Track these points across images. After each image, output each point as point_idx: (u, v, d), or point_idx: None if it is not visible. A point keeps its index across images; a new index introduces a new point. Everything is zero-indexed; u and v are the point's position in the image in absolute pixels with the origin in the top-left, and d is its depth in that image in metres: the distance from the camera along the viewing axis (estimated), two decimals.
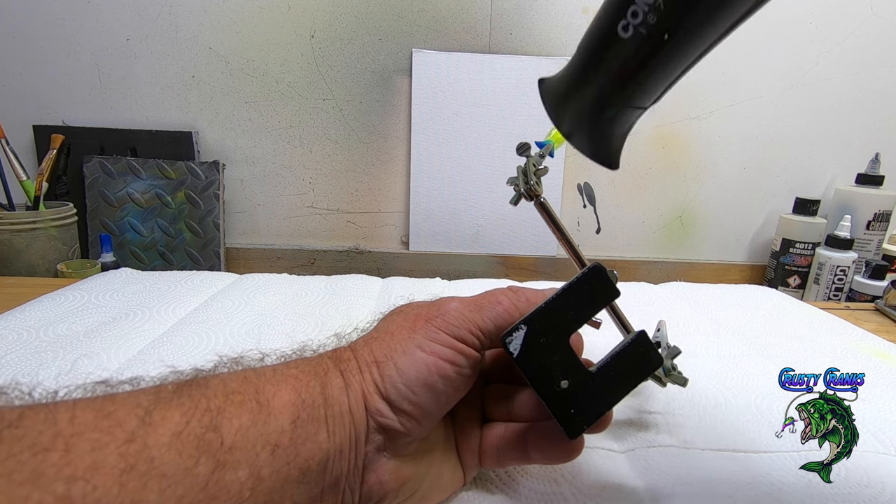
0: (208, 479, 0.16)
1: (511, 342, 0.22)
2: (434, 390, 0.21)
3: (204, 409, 0.17)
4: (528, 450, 0.24)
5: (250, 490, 0.16)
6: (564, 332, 0.23)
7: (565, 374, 0.22)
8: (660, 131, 0.89)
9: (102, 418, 0.15)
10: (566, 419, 0.22)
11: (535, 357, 0.22)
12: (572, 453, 0.23)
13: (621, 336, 0.31)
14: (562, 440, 0.23)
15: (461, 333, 0.22)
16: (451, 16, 0.81)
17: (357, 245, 0.90)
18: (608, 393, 0.23)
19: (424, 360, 0.21)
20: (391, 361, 0.21)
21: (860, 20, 0.86)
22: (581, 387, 0.22)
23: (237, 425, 0.17)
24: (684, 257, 0.96)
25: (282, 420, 0.18)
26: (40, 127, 0.80)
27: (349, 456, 0.20)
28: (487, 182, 0.86)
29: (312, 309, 0.49)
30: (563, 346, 0.23)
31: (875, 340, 0.48)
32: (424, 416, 0.21)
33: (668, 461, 0.29)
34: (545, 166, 0.31)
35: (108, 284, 0.52)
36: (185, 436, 0.16)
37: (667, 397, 0.36)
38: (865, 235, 0.86)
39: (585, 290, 0.23)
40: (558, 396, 0.22)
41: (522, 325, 0.22)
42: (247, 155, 0.85)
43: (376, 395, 0.21)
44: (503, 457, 0.25)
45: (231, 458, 0.16)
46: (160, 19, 0.79)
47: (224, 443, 0.16)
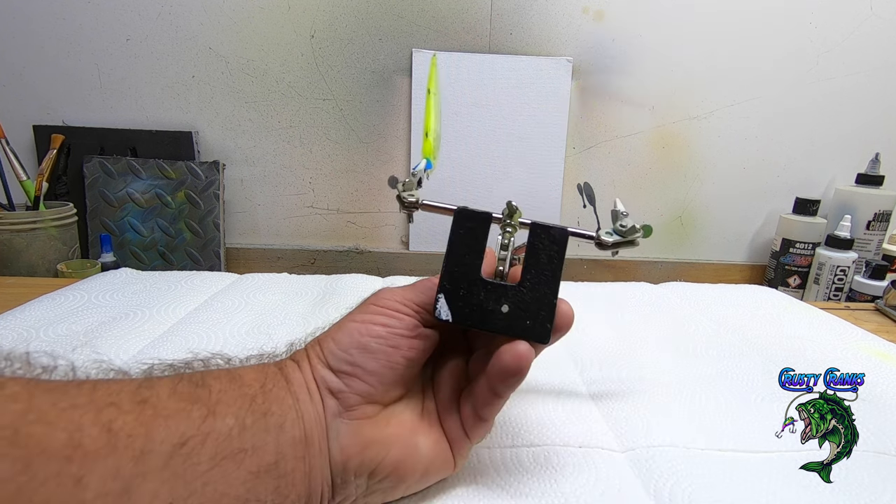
0: (203, 421, 0.19)
1: (440, 312, 0.24)
2: (367, 348, 0.23)
3: (190, 376, 0.21)
4: (489, 381, 0.23)
5: (238, 432, 0.20)
6: (475, 273, 0.25)
7: (499, 301, 0.24)
8: (660, 131, 0.89)
9: (113, 382, 0.19)
10: (529, 331, 0.24)
11: (466, 309, 0.24)
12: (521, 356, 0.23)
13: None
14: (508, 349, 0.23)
15: (390, 304, 0.25)
16: (451, 16, 0.81)
17: (357, 245, 0.90)
18: (546, 286, 0.24)
19: (355, 326, 0.24)
20: (329, 337, 0.24)
21: (860, 20, 0.86)
22: (520, 298, 0.24)
23: (219, 386, 0.21)
24: (684, 257, 0.96)
25: (252, 386, 0.22)
26: (40, 127, 0.80)
27: (314, 417, 0.22)
28: (487, 182, 0.86)
29: (312, 309, 0.49)
30: (480, 283, 0.24)
31: (875, 340, 0.48)
32: (364, 374, 0.23)
33: (669, 461, 0.29)
34: (415, 188, 0.33)
35: (108, 284, 0.52)
36: (179, 391, 0.20)
37: (667, 397, 0.36)
38: (865, 235, 0.86)
39: (463, 232, 0.25)
40: (509, 320, 0.24)
41: (438, 294, 0.24)
42: (247, 155, 0.85)
43: (320, 366, 0.24)
44: (477, 403, 0.24)
45: (220, 408, 0.20)
46: (160, 19, 0.79)
47: (212, 396, 0.20)
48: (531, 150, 0.85)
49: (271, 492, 0.20)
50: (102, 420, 0.17)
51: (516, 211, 0.27)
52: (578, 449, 0.30)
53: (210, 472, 0.19)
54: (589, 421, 0.33)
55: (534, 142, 0.85)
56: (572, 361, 0.41)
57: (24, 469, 0.15)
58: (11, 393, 0.16)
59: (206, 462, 0.19)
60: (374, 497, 0.24)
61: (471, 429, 0.25)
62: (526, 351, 0.23)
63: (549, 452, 0.30)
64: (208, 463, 0.19)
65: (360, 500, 0.23)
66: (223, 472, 0.19)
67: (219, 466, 0.19)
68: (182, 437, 0.18)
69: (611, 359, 0.42)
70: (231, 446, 0.19)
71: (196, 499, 0.18)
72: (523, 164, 0.86)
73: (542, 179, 0.87)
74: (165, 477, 0.18)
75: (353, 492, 0.23)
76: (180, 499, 0.18)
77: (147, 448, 0.17)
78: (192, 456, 0.18)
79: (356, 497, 0.23)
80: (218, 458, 0.19)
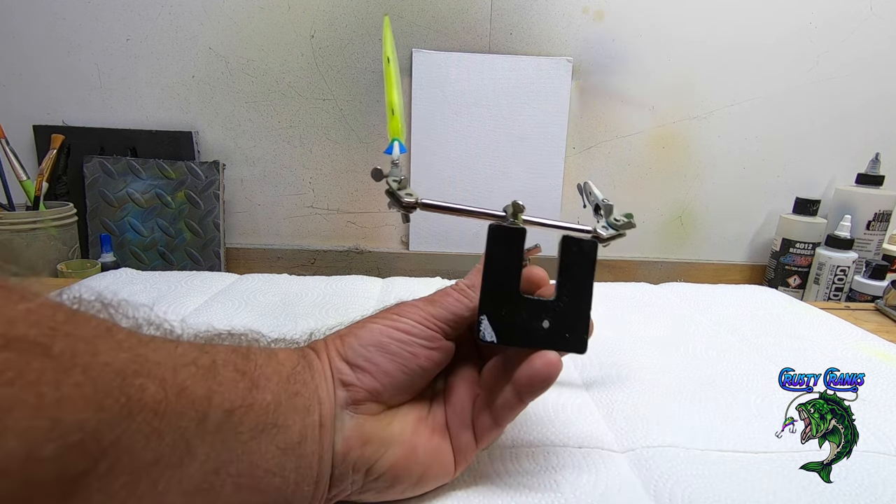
0: (248, 393, 0.20)
1: (485, 335, 0.24)
2: (386, 348, 0.24)
3: (237, 348, 0.22)
4: (516, 387, 0.24)
5: (273, 408, 0.21)
6: (514, 290, 0.25)
7: (540, 317, 0.24)
8: (660, 131, 0.89)
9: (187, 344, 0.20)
10: (568, 344, 0.24)
11: (509, 329, 0.24)
12: (552, 364, 0.24)
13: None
14: (540, 357, 0.24)
15: (413, 315, 0.25)
16: (451, 16, 0.81)
17: (357, 245, 0.90)
18: (580, 300, 0.25)
19: (378, 327, 0.25)
20: (351, 333, 0.25)
21: (860, 20, 0.86)
22: (558, 313, 0.24)
23: (261, 361, 0.22)
24: (684, 257, 0.96)
25: (285, 366, 0.23)
26: (40, 127, 0.80)
27: (328, 405, 0.23)
28: (487, 182, 0.86)
29: (312, 309, 0.49)
30: (521, 300, 0.24)
31: (875, 340, 0.48)
32: (379, 373, 0.24)
33: (669, 461, 0.29)
34: (403, 176, 0.33)
35: (108, 284, 0.52)
36: (231, 360, 0.21)
37: (667, 397, 0.36)
38: (865, 235, 0.86)
39: (500, 248, 0.25)
40: (550, 335, 0.24)
41: (481, 316, 0.24)
42: (247, 155, 0.85)
43: (337, 358, 0.24)
44: (496, 410, 0.25)
45: (262, 383, 0.21)
46: (160, 19, 0.79)
47: (256, 370, 0.21)
48: (531, 150, 0.85)
49: (293, 470, 0.21)
50: (179, 379, 0.18)
51: (522, 210, 0.28)
52: (578, 449, 0.30)
53: (249, 443, 0.20)
54: (589, 421, 0.33)
55: (534, 142, 0.85)
56: (572, 362, 0.41)
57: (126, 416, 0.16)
58: (118, 340, 0.17)
59: (247, 432, 0.20)
60: (367, 495, 0.24)
61: (483, 435, 0.26)
62: (556, 359, 0.24)
63: (549, 453, 0.30)
64: (249, 433, 0.20)
65: (355, 496, 0.24)
66: (258, 444, 0.20)
67: (256, 438, 0.20)
68: (232, 405, 0.19)
69: (611, 359, 0.42)
70: (267, 420, 0.20)
71: (234, 467, 0.19)
72: (523, 164, 0.86)
73: (542, 179, 0.87)
74: (216, 441, 0.18)
75: (349, 487, 0.23)
76: (224, 464, 0.19)
77: (205, 411, 0.18)
78: (239, 424, 0.19)
79: (350, 492, 0.24)
80: (257, 430, 0.20)
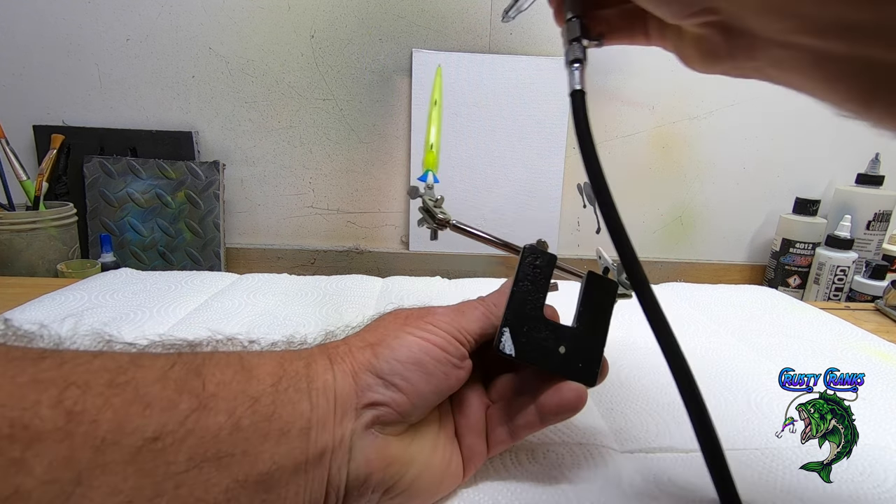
0: (188, 415, 0.17)
1: (504, 347, 0.24)
2: (424, 368, 0.23)
3: (188, 361, 0.19)
4: (541, 411, 0.25)
5: (228, 432, 0.18)
6: (538, 311, 0.25)
7: (558, 342, 0.25)
8: (660, 131, 0.89)
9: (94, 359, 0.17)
10: (580, 374, 0.25)
11: (528, 345, 0.25)
12: (583, 396, 0.25)
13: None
14: (570, 387, 0.25)
15: (447, 327, 0.24)
16: (451, 16, 0.81)
17: (357, 245, 0.90)
18: (596, 333, 0.26)
19: (416, 342, 0.23)
20: (385, 343, 0.23)
21: None
22: (575, 342, 0.25)
23: (220, 377, 0.19)
24: (684, 257, 0.96)
25: (263, 382, 0.20)
26: (40, 127, 0.80)
27: (332, 430, 0.21)
28: (487, 182, 0.86)
29: (312, 309, 0.49)
30: (543, 322, 0.25)
31: (875, 340, 0.48)
32: (414, 393, 0.22)
33: (669, 461, 0.29)
34: (440, 196, 0.34)
35: (109, 284, 0.52)
36: (169, 376, 0.18)
37: (667, 397, 0.36)
38: (865, 235, 0.86)
39: (530, 270, 0.26)
40: (564, 361, 0.25)
41: (504, 328, 0.25)
42: (247, 155, 0.85)
43: (368, 373, 0.22)
44: (516, 427, 0.26)
45: (212, 403, 0.18)
46: (160, 19, 0.79)
47: (206, 388, 0.18)
48: (531, 150, 0.85)
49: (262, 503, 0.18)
50: (64, 400, 0.15)
51: (546, 246, 0.29)
52: (578, 446, 0.30)
53: (186, 474, 0.17)
54: (589, 421, 0.33)
55: (534, 142, 0.85)
56: None
57: None
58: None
59: (182, 462, 0.17)
60: None
61: (496, 446, 0.26)
62: (585, 391, 0.24)
63: (548, 450, 0.30)
64: (185, 463, 0.17)
65: None
66: (202, 475, 0.17)
67: (198, 468, 0.17)
68: (158, 431, 0.16)
69: (610, 359, 0.42)
70: (217, 448, 0.18)
71: (164, 501, 0.16)
72: (523, 164, 0.86)
73: (542, 179, 0.87)
74: (129, 472, 0.16)
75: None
76: (145, 499, 0.16)
77: (112, 438, 0.16)
78: (165, 453, 0.16)
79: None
80: (198, 458, 0.17)
